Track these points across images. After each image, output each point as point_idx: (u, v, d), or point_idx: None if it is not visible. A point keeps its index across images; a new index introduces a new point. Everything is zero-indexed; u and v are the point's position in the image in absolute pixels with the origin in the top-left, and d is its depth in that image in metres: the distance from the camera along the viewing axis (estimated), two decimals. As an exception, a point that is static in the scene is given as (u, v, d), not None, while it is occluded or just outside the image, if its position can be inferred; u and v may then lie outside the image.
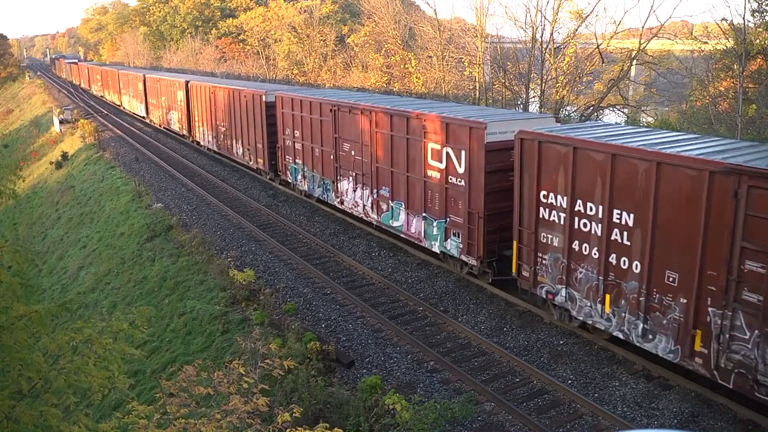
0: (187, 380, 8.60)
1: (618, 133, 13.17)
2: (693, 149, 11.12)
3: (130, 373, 8.91)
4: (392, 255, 19.18)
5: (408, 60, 42.93)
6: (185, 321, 17.53)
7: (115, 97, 64.53)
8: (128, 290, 21.47)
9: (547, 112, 29.44)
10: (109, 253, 25.28)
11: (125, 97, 59.66)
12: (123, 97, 60.72)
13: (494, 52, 36.84)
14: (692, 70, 29.38)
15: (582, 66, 32.47)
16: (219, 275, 18.47)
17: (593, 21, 56.99)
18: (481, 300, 15.83)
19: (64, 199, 37.23)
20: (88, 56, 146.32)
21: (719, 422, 10.71)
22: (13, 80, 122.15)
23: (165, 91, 43.49)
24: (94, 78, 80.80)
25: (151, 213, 26.01)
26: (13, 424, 6.16)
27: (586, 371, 12.45)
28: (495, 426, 11.02)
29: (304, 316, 15.73)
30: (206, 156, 36.85)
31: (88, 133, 46.94)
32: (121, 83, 60.43)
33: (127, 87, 57.96)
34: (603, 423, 10.87)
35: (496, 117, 15.81)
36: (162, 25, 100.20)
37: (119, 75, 61.38)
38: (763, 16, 24.16)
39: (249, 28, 72.37)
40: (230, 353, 14.26)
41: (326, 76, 56.02)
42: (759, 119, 22.71)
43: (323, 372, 12.75)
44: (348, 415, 11.37)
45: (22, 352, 6.36)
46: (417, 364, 13.19)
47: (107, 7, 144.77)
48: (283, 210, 24.89)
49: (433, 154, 16.48)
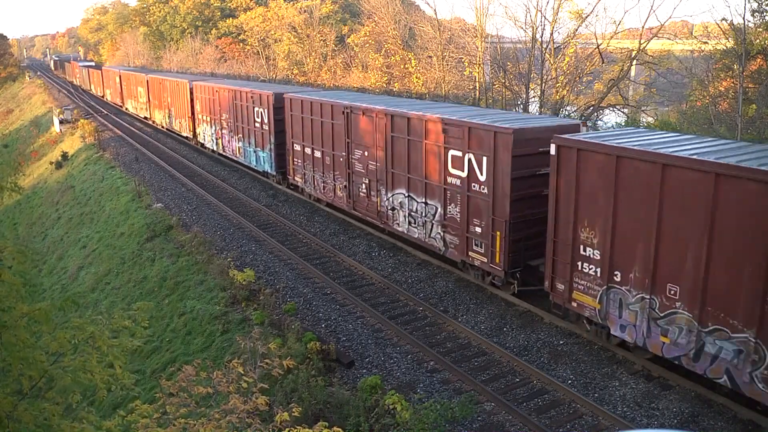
0: (186, 380, 8.61)
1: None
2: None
3: (130, 372, 8.91)
4: (392, 255, 19.19)
5: (408, 60, 42.93)
6: (185, 321, 17.53)
7: (182, 122, 40.49)
8: (128, 290, 21.47)
9: (547, 113, 29.45)
10: (109, 253, 25.29)
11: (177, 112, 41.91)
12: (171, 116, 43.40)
13: (494, 52, 36.83)
14: (692, 70, 29.37)
15: (582, 66, 32.46)
16: (219, 275, 18.48)
17: (593, 21, 56.95)
18: (481, 300, 15.83)
19: (64, 199, 37.24)
20: (87, 56, 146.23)
21: (719, 422, 10.72)
22: (13, 80, 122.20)
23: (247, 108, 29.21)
24: (131, 90, 56.21)
25: (151, 213, 26.02)
26: (15, 423, 6.17)
27: (586, 371, 12.45)
28: (495, 426, 11.03)
29: (304, 316, 15.73)
30: (206, 156, 36.85)
31: (88, 133, 46.97)
32: (173, 96, 41.85)
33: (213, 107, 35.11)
34: (603, 423, 10.87)
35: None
36: (162, 25, 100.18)
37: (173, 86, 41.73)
38: (763, 16, 24.15)
39: (249, 28, 72.32)
40: (230, 353, 14.25)
41: (326, 76, 56.01)
42: (759, 119, 22.70)
43: (323, 372, 12.76)
44: (348, 415, 11.38)
45: (24, 350, 6.36)
46: (417, 364, 13.20)
47: (107, 7, 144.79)
48: (283, 210, 24.89)
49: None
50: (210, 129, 35.12)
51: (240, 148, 30.71)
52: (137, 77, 53.19)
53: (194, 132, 38.33)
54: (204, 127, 36.24)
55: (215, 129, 34.20)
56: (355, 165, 20.42)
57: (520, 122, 15.15)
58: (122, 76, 59.76)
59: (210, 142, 35.49)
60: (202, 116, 36.25)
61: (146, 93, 49.90)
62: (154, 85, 46.79)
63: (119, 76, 60.66)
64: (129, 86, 56.93)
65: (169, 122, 43.79)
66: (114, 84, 64.69)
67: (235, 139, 31.09)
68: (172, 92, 41.81)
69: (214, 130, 34.35)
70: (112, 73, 66.50)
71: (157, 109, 47.16)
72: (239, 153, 30.96)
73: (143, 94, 51.17)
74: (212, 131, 34.81)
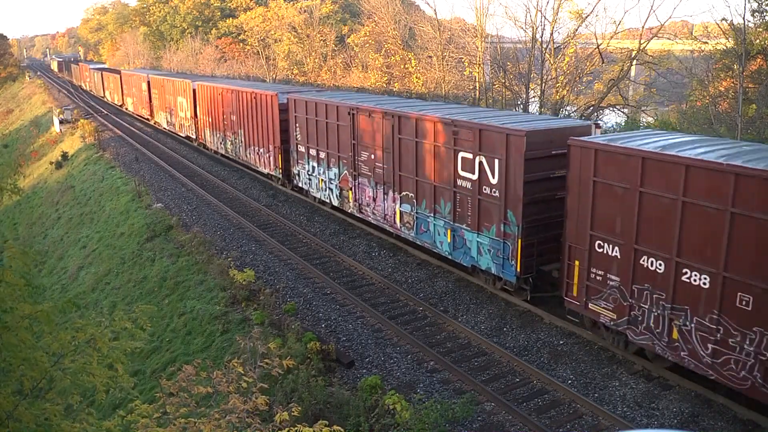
0: (186, 380, 8.60)
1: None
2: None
3: (130, 373, 8.90)
4: (392, 255, 19.19)
5: (408, 60, 42.96)
6: (185, 321, 17.54)
7: (266, 154, 27.59)
8: (128, 290, 21.48)
9: (547, 113, 29.45)
10: (109, 253, 25.30)
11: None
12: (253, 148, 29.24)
13: (494, 52, 36.83)
14: (692, 70, 29.36)
15: (582, 66, 32.46)
16: (219, 275, 18.49)
17: (593, 21, 56.98)
18: (481, 300, 15.84)
19: (64, 199, 37.25)
20: (87, 56, 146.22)
21: (719, 422, 10.72)
22: (13, 80, 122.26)
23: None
24: (166, 100, 43.51)
25: (151, 213, 26.03)
26: (15, 423, 6.17)
27: (586, 371, 12.46)
28: (495, 426, 11.04)
29: (304, 316, 15.74)
30: (206, 156, 36.85)
31: (88, 133, 46.97)
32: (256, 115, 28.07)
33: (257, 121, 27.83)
34: (603, 423, 10.88)
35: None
36: (162, 25, 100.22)
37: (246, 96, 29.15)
38: (763, 16, 24.17)
39: (249, 28, 72.35)
40: (230, 353, 14.26)
41: (326, 76, 56.04)
42: (759, 119, 22.71)
43: (323, 372, 12.76)
44: (348, 415, 11.39)
45: (25, 351, 6.37)
46: (417, 364, 13.20)
47: (107, 7, 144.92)
48: (283, 210, 24.90)
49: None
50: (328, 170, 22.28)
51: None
52: (178, 84, 40.19)
53: (285, 171, 25.99)
54: (310, 166, 23.53)
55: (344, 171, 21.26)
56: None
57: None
58: (153, 82, 47.24)
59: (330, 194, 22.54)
60: (303, 145, 23.60)
61: (192, 105, 37.43)
62: (206, 95, 34.59)
63: (147, 81, 48.32)
64: (163, 95, 44.35)
65: (234, 150, 31.40)
66: (139, 92, 52.41)
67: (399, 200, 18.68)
68: (246, 107, 28.70)
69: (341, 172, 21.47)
70: (136, 78, 53.86)
71: (209, 128, 35.12)
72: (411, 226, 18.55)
73: (187, 107, 38.33)
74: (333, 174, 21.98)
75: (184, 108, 39.29)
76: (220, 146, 33.81)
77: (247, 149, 29.63)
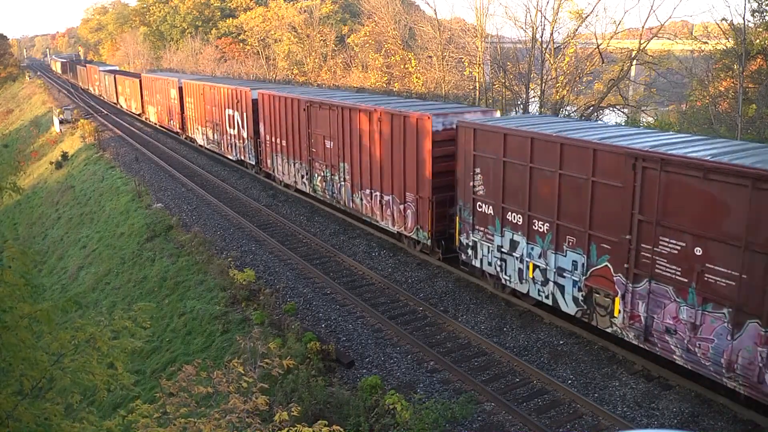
0: (186, 380, 8.61)
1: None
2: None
3: (130, 373, 8.92)
4: (392, 255, 19.19)
5: (408, 60, 42.97)
6: (185, 321, 17.54)
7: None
8: (128, 290, 21.48)
9: (548, 113, 29.46)
10: (109, 253, 25.30)
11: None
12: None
13: (494, 52, 36.84)
14: (692, 70, 29.39)
15: (582, 66, 32.47)
16: (219, 275, 18.49)
17: (593, 21, 57.04)
18: (481, 300, 15.84)
19: (64, 199, 37.25)
20: (87, 56, 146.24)
21: (719, 422, 10.72)
22: (13, 80, 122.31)
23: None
24: (206, 112, 34.83)
25: (151, 213, 26.03)
26: (15, 423, 6.17)
27: (586, 371, 12.46)
28: (495, 426, 11.04)
29: (304, 316, 15.74)
30: (205, 156, 36.85)
31: (88, 133, 46.99)
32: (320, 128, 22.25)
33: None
34: (603, 423, 10.88)
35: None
36: (162, 25, 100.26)
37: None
38: (763, 16, 24.20)
39: (249, 28, 72.43)
40: (230, 353, 14.26)
41: (326, 76, 56.06)
42: (759, 119, 22.72)
43: (323, 372, 12.76)
44: (348, 415, 11.39)
45: (25, 351, 6.37)
46: (417, 364, 13.20)
47: (107, 7, 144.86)
48: (283, 210, 24.90)
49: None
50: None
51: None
52: (226, 92, 31.28)
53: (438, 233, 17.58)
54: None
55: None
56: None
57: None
58: (187, 88, 38.28)
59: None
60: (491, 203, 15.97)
61: (250, 121, 28.61)
62: (276, 108, 25.34)
63: (179, 88, 39.43)
64: (202, 106, 35.56)
65: (330, 190, 22.13)
66: (165, 100, 43.53)
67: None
68: (356, 128, 19.81)
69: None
70: (162, 83, 44.01)
71: (281, 155, 25.73)
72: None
73: (244, 122, 29.42)
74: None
75: (238, 124, 30.23)
76: (303, 182, 24.26)
77: (356, 193, 20.55)
